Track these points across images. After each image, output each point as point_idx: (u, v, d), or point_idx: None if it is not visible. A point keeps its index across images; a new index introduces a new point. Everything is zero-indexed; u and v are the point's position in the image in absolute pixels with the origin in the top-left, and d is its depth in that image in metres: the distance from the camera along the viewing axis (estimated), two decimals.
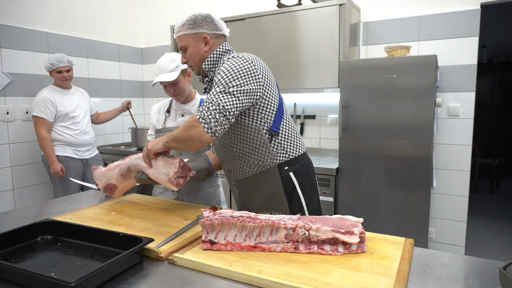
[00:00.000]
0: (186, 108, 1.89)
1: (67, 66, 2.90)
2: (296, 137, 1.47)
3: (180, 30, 1.42)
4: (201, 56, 1.42)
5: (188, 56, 1.44)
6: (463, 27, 2.63)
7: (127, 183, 1.57)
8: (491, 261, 1.02)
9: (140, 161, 1.44)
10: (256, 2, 3.42)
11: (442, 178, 2.79)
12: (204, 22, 1.40)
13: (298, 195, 1.44)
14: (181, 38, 1.42)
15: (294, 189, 1.43)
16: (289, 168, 1.42)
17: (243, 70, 1.27)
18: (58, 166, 2.86)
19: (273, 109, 1.37)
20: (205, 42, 1.41)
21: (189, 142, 1.26)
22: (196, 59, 1.43)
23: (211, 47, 1.41)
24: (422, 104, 2.32)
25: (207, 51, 1.42)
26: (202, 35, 1.40)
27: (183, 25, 1.41)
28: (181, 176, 1.36)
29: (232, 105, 1.22)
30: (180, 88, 1.79)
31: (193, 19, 1.40)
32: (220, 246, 1.08)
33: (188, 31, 1.40)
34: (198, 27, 1.40)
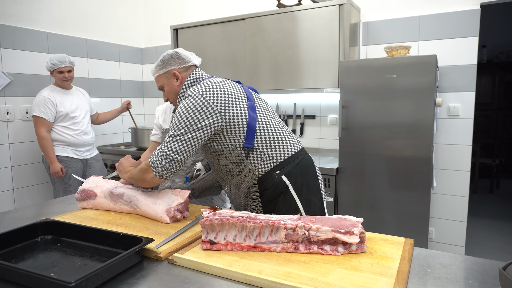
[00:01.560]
0: None
1: (68, 66, 2.90)
2: (281, 140, 1.45)
3: (154, 72, 1.54)
4: (175, 91, 1.52)
5: (167, 94, 1.55)
6: (463, 27, 2.63)
7: (106, 203, 1.51)
8: (491, 261, 1.02)
9: (134, 192, 1.46)
10: (256, 2, 3.42)
11: (442, 178, 2.79)
12: (171, 60, 1.50)
13: (292, 197, 1.43)
14: (157, 80, 1.54)
15: (287, 190, 1.43)
16: (280, 172, 1.42)
17: (192, 108, 1.32)
18: (58, 166, 2.85)
19: (241, 129, 1.37)
20: (176, 77, 1.50)
21: (143, 183, 1.40)
22: (172, 95, 1.53)
23: (182, 81, 1.50)
24: (422, 104, 2.32)
25: (179, 85, 1.51)
26: (171, 72, 1.50)
27: (156, 67, 1.53)
28: (180, 211, 1.37)
29: (178, 147, 1.30)
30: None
31: (162, 60, 1.51)
32: (220, 246, 1.08)
33: (160, 72, 1.52)
34: (167, 66, 1.50)
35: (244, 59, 3.13)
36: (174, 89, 1.52)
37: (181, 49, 1.54)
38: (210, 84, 1.39)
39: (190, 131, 1.30)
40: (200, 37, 3.37)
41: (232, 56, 3.20)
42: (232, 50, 3.20)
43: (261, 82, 3.06)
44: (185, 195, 1.39)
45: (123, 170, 1.52)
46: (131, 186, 1.52)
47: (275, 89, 3.02)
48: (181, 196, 1.38)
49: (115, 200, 1.48)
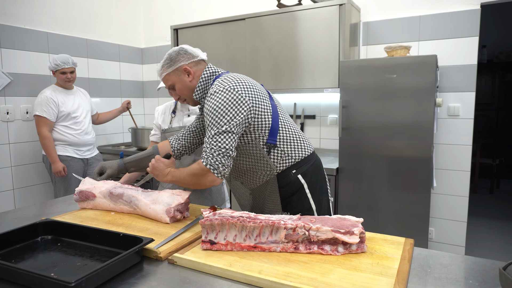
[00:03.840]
0: (193, 108, 1.93)
1: (71, 67, 2.91)
2: (299, 140, 1.48)
3: (162, 73, 1.49)
4: (189, 87, 1.47)
5: (178, 92, 1.49)
6: (463, 27, 2.63)
7: (106, 203, 1.50)
8: (491, 261, 1.02)
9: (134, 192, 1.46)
10: (256, 2, 3.42)
11: (442, 178, 2.79)
12: (179, 56, 1.46)
13: (306, 196, 1.46)
14: (165, 79, 1.49)
15: (303, 190, 1.45)
16: (297, 171, 1.45)
17: (228, 103, 1.30)
18: (60, 166, 2.86)
19: (267, 124, 1.39)
20: (187, 73, 1.46)
21: (198, 186, 1.35)
22: (186, 92, 1.48)
23: (194, 76, 1.46)
24: (422, 104, 2.32)
25: (191, 80, 1.46)
26: (181, 68, 1.45)
27: (162, 67, 1.48)
28: (180, 211, 1.37)
29: (230, 142, 1.27)
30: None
31: (169, 58, 1.47)
32: (220, 246, 1.08)
33: (168, 70, 1.46)
34: (176, 62, 1.46)
35: (244, 59, 3.13)
36: (187, 85, 1.47)
37: (186, 45, 1.52)
38: (237, 78, 1.38)
39: (233, 126, 1.29)
40: (200, 37, 3.37)
41: (232, 56, 3.20)
42: (232, 50, 3.20)
43: (261, 82, 3.04)
44: (185, 196, 1.39)
45: (161, 173, 1.43)
46: (131, 186, 1.52)
47: (275, 89, 3.02)
48: (181, 196, 1.38)
49: (115, 200, 1.48)
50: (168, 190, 1.44)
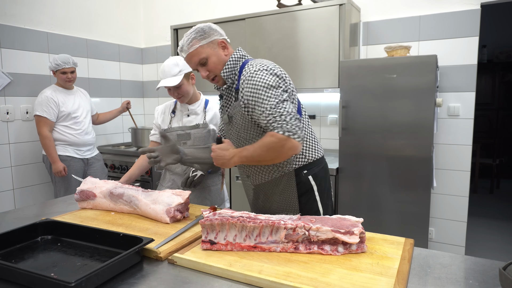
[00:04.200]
0: (192, 109, 1.93)
1: (72, 67, 2.91)
2: (314, 140, 1.47)
3: (192, 44, 1.37)
4: (225, 62, 1.40)
5: (211, 67, 1.39)
6: (463, 27, 2.63)
7: (106, 203, 1.51)
8: (491, 261, 1.02)
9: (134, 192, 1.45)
10: (256, 2, 3.42)
11: (442, 178, 2.79)
12: (211, 30, 1.38)
13: (315, 199, 1.43)
14: (197, 52, 1.37)
15: (312, 192, 1.42)
16: (308, 172, 1.42)
17: (277, 79, 1.29)
18: (60, 166, 2.86)
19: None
20: (223, 47, 1.40)
21: (279, 160, 1.29)
22: (220, 67, 1.40)
23: (228, 52, 1.41)
24: (422, 104, 2.32)
25: (227, 55, 1.40)
26: (217, 41, 1.38)
27: (194, 38, 1.37)
28: (180, 211, 1.37)
29: (293, 109, 1.26)
30: (183, 91, 1.84)
31: (201, 31, 1.37)
32: (220, 246, 1.08)
33: (202, 42, 1.37)
34: (210, 35, 1.38)
35: None
36: (222, 59, 1.39)
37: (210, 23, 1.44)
38: (276, 64, 1.36)
39: (289, 96, 1.29)
40: None
41: None
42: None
43: None
44: (185, 196, 1.39)
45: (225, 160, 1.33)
46: (131, 186, 1.52)
47: None
48: (181, 196, 1.38)
49: (115, 200, 1.48)
50: (168, 190, 1.44)
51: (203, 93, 2.05)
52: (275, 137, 1.22)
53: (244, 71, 1.34)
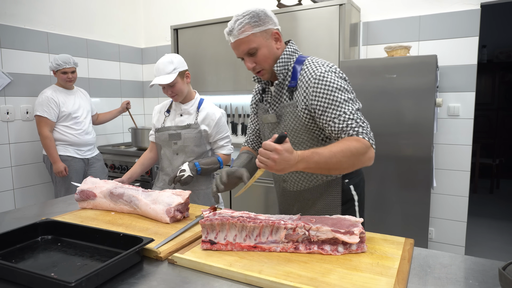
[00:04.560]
0: (185, 108, 1.91)
1: (72, 67, 2.91)
2: None
3: (244, 30, 1.21)
4: (275, 56, 1.27)
5: (260, 59, 1.25)
6: (463, 27, 2.63)
7: (106, 203, 1.51)
8: (491, 261, 1.02)
9: (134, 192, 1.45)
10: (256, 2, 3.42)
11: (442, 178, 2.79)
12: (267, 17, 1.23)
13: (354, 210, 1.36)
14: (248, 39, 1.22)
15: (352, 203, 1.35)
16: (349, 181, 1.35)
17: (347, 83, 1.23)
18: (61, 166, 2.86)
19: None
20: (276, 39, 1.26)
21: (352, 169, 1.18)
22: (270, 61, 1.27)
23: (281, 45, 1.28)
24: (422, 104, 2.32)
25: (279, 48, 1.27)
26: (271, 31, 1.24)
27: (247, 23, 1.21)
28: (180, 211, 1.37)
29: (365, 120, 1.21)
30: (177, 90, 1.82)
31: (255, 15, 1.22)
32: (220, 246, 1.08)
33: (255, 30, 1.21)
34: (265, 23, 1.22)
35: None
36: (274, 53, 1.26)
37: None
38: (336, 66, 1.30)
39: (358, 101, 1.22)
40: (200, 37, 3.37)
41: (232, 56, 3.18)
42: (232, 50, 3.19)
43: None
44: (185, 196, 1.39)
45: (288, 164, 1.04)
46: (131, 186, 1.52)
47: None
48: (181, 196, 1.38)
49: (115, 200, 1.48)
50: (168, 190, 1.44)
51: (202, 93, 2.05)
52: (361, 142, 1.11)
53: (305, 71, 1.24)
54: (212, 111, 1.90)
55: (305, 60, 1.28)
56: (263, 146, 1.05)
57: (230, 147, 1.99)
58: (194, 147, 1.87)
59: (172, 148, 1.90)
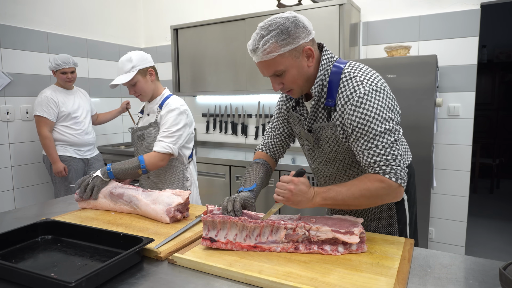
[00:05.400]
0: (150, 107, 1.83)
1: (72, 67, 2.91)
2: (404, 146, 1.32)
3: (269, 51, 1.04)
4: (306, 76, 1.12)
5: (289, 80, 1.10)
6: (463, 27, 2.63)
7: (107, 203, 1.51)
8: (491, 261, 1.02)
9: (134, 192, 1.44)
10: (256, 2, 3.42)
11: (442, 178, 2.79)
12: (298, 30, 1.05)
13: (404, 209, 1.31)
14: (274, 61, 1.06)
15: (402, 203, 1.31)
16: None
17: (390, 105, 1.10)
18: (61, 166, 2.86)
19: None
20: (308, 55, 1.09)
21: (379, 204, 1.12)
22: (299, 81, 1.11)
23: (314, 60, 1.11)
24: (422, 104, 2.32)
25: (310, 66, 1.11)
26: (302, 47, 1.07)
27: (274, 42, 1.03)
28: (180, 211, 1.37)
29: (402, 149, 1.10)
30: (139, 89, 1.73)
31: (284, 31, 1.04)
32: (220, 244, 1.08)
33: (284, 49, 1.04)
34: (296, 39, 1.05)
35: (244, 59, 3.13)
36: (305, 72, 1.10)
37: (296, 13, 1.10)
38: (374, 72, 1.14)
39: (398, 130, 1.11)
40: (200, 37, 3.37)
41: (232, 56, 3.20)
42: (232, 50, 3.20)
43: (261, 83, 3.06)
44: (185, 196, 1.39)
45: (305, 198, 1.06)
46: (131, 186, 1.52)
47: None
48: (181, 196, 1.38)
49: (115, 200, 1.48)
50: (168, 190, 1.44)
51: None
52: (385, 183, 1.04)
53: (344, 89, 1.10)
54: (169, 105, 1.73)
55: (343, 72, 1.12)
56: (280, 180, 1.07)
57: (164, 145, 1.67)
58: None
59: (139, 150, 1.84)
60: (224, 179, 2.98)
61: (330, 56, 1.16)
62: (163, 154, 1.68)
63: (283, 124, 1.40)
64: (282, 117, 1.39)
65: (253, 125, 3.57)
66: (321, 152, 1.25)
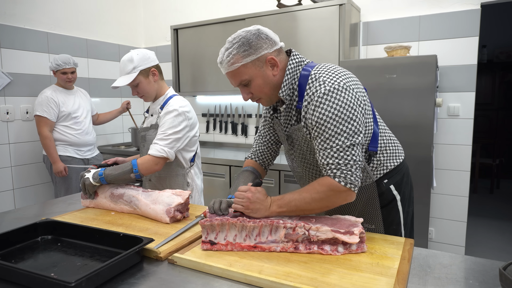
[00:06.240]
0: (153, 107, 1.79)
1: (72, 67, 2.91)
2: (394, 145, 1.32)
3: (233, 62, 1.12)
4: (273, 84, 1.16)
5: (255, 89, 1.16)
6: (463, 27, 2.63)
7: (107, 203, 1.51)
8: (491, 261, 1.02)
9: (134, 192, 1.45)
10: (256, 2, 3.42)
11: (442, 178, 2.79)
12: (259, 41, 1.12)
13: (397, 209, 1.30)
14: (238, 72, 1.13)
15: (395, 203, 1.30)
16: (389, 181, 1.27)
17: (351, 107, 1.07)
18: (61, 166, 2.86)
19: (369, 130, 1.20)
20: (272, 64, 1.14)
21: (325, 209, 1.13)
22: (268, 90, 1.17)
23: (279, 68, 1.16)
24: (422, 104, 2.32)
25: (276, 75, 1.16)
26: (265, 57, 1.13)
27: (236, 53, 1.11)
28: (180, 211, 1.37)
29: (360, 154, 1.09)
30: (142, 90, 1.69)
31: (246, 42, 1.11)
32: (220, 246, 1.08)
33: (245, 60, 1.11)
34: (258, 50, 1.11)
35: None
36: (270, 81, 1.15)
37: (260, 26, 1.17)
38: (342, 71, 1.14)
39: (360, 134, 1.09)
40: (200, 37, 3.37)
41: None
42: None
43: None
44: (185, 196, 1.39)
45: (263, 206, 1.10)
46: (131, 186, 1.52)
47: None
48: (181, 196, 1.38)
49: (115, 200, 1.48)
50: (168, 190, 1.44)
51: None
52: (334, 186, 1.07)
53: (310, 89, 1.12)
54: (169, 106, 1.69)
55: (311, 73, 1.15)
56: (238, 190, 1.12)
57: (159, 148, 1.62)
58: None
59: (142, 151, 1.81)
60: (224, 179, 2.98)
61: (299, 60, 1.20)
62: (158, 158, 1.62)
63: (269, 131, 1.44)
64: (267, 125, 1.43)
65: (253, 125, 3.57)
66: (297, 154, 1.29)
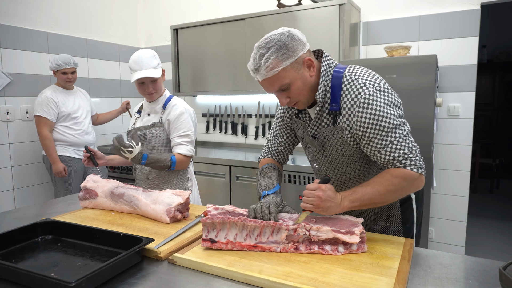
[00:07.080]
0: (152, 107, 1.86)
1: (72, 68, 2.91)
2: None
3: (272, 67, 1.07)
4: (310, 86, 1.15)
5: (295, 93, 1.13)
6: (463, 27, 2.63)
7: (107, 203, 1.51)
8: (491, 261, 1.02)
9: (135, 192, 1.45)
10: (256, 2, 3.42)
11: (442, 178, 2.79)
12: (294, 43, 1.09)
13: (412, 209, 1.32)
14: (278, 76, 1.09)
15: (410, 202, 1.32)
16: None
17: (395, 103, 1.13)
18: (60, 166, 2.86)
19: None
20: (308, 65, 1.13)
21: (404, 196, 1.15)
22: (305, 92, 1.14)
23: (315, 67, 1.14)
24: (422, 104, 2.32)
25: (312, 75, 1.14)
26: (302, 59, 1.11)
27: (275, 58, 1.07)
28: (181, 211, 1.37)
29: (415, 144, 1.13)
30: (158, 86, 1.80)
31: (283, 46, 1.08)
32: (220, 245, 1.08)
33: (285, 63, 1.08)
34: (295, 52, 1.09)
35: (244, 59, 3.13)
36: (308, 83, 1.13)
37: (288, 28, 1.16)
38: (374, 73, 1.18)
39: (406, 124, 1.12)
40: (200, 37, 3.37)
41: (232, 56, 3.20)
42: (232, 50, 3.20)
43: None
44: (185, 196, 1.39)
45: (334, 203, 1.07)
46: (132, 186, 1.52)
47: None
48: (181, 196, 1.38)
49: (115, 200, 1.48)
50: (168, 190, 1.44)
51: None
52: (408, 176, 1.08)
53: (348, 93, 1.12)
54: (176, 107, 1.81)
55: (344, 76, 1.15)
56: (306, 188, 1.09)
57: (189, 148, 1.78)
58: (160, 146, 1.82)
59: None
60: (224, 179, 2.98)
61: (330, 62, 1.19)
62: (188, 157, 1.78)
63: (286, 131, 1.43)
64: (285, 125, 1.41)
65: (253, 125, 3.57)
66: (328, 157, 1.27)
